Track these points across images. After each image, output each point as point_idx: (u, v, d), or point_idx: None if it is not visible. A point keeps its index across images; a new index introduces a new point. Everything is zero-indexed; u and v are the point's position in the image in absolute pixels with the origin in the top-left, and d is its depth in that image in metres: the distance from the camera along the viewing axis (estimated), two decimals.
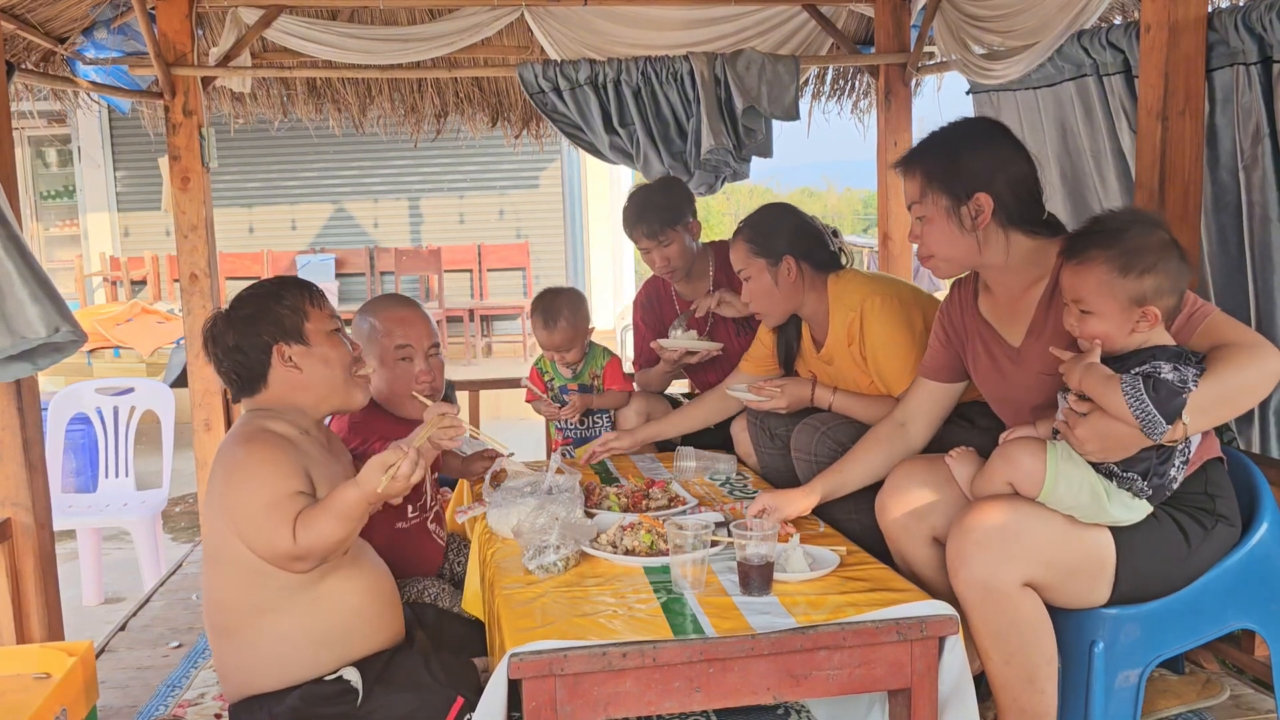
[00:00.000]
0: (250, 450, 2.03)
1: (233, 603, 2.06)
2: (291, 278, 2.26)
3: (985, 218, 2.13)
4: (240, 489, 1.99)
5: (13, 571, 2.75)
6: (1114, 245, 1.89)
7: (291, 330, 2.15)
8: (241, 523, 1.99)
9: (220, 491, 2.03)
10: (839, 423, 2.64)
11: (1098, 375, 1.89)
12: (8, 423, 2.72)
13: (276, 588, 2.02)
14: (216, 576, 2.09)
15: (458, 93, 4.89)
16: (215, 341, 2.17)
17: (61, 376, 7.33)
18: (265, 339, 2.14)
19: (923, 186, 2.19)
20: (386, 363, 2.70)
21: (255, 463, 2.01)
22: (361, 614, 2.10)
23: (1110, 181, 3.30)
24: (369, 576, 2.14)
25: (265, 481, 1.98)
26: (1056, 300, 2.12)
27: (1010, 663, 1.99)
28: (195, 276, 3.89)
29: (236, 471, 2.02)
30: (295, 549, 1.93)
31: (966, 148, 2.18)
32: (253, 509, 1.97)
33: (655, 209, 3.36)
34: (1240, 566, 2.09)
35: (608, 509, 2.47)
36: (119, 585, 4.55)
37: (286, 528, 1.93)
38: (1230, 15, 2.65)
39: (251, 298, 2.19)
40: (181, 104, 3.81)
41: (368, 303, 2.85)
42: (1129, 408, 1.82)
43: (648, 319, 3.64)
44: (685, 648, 1.79)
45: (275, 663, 2.04)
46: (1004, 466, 1.99)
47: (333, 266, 9.74)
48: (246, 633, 2.05)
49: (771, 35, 4.21)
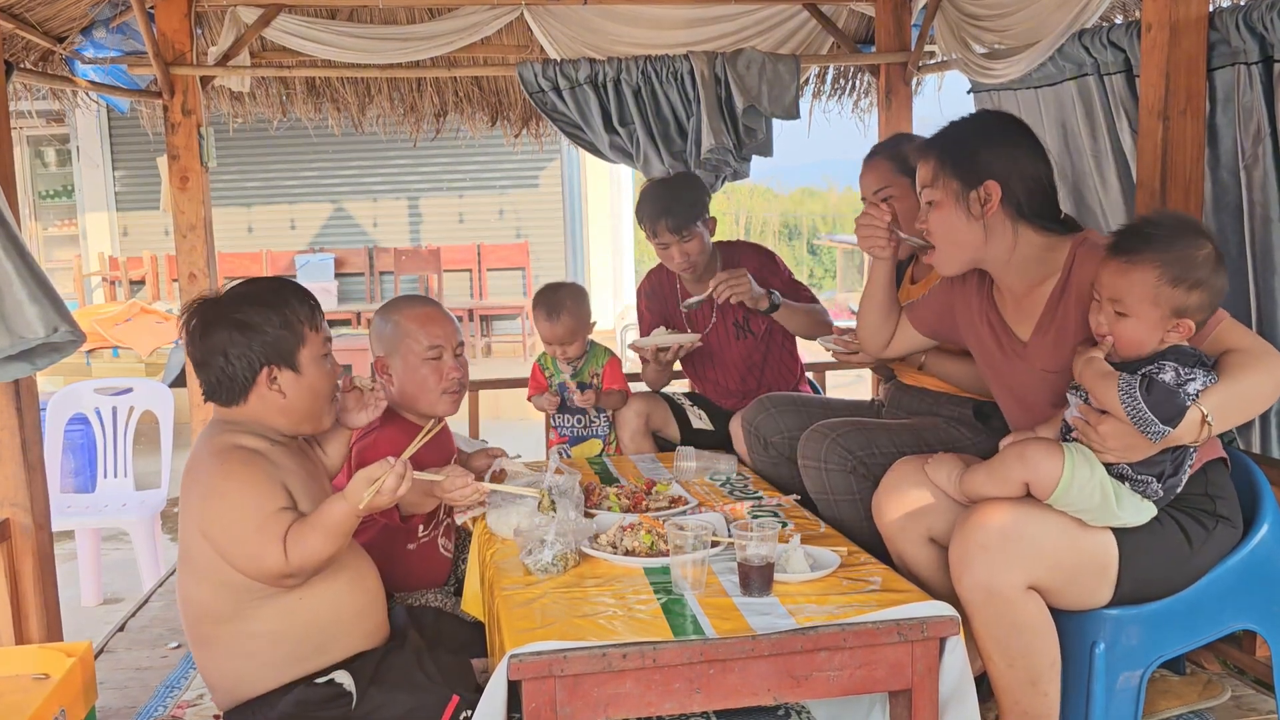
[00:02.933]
0: (227, 472, 1.97)
1: (206, 610, 2.04)
2: (293, 285, 2.15)
3: (993, 206, 2.13)
4: (223, 516, 1.95)
5: (11, 572, 2.74)
6: (1169, 252, 1.87)
7: (285, 354, 2.05)
8: (227, 547, 1.96)
9: (196, 511, 1.99)
10: (848, 429, 2.58)
11: (1095, 371, 1.89)
12: (6, 423, 2.72)
13: (250, 596, 2.00)
14: (190, 582, 2.07)
15: (457, 92, 4.88)
16: (202, 335, 2.05)
17: (60, 376, 7.32)
18: (256, 357, 2.03)
19: (936, 170, 2.19)
20: (413, 363, 2.62)
21: (234, 486, 1.96)
22: (340, 614, 2.09)
23: (1111, 181, 3.30)
24: (348, 576, 2.11)
25: (247, 506, 1.94)
26: (1065, 299, 2.11)
27: (1013, 665, 1.99)
28: (194, 276, 3.89)
29: (213, 497, 1.97)
30: (287, 566, 1.92)
31: (983, 137, 2.18)
32: (239, 533, 1.94)
33: (681, 203, 3.29)
34: (1241, 567, 2.08)
35: (608, 509, 2.47)
36: (118, 586, 4.54)
37: (276, 546, 1.91)
38: (1231, 14, 2.64)
39: (252, 305, 2.06)
40: (180, 103, 3.81)
41: (391, 303, 2.75)
42: (1122, 406, 1.82)
43: (652, 307, 3.60)
44: (685, 649, 1.78)
45: (254, 666, 2.04)
46: (1020, 467, 1.98)
47: (332, 266, 9.74)
48: (222, 639, 2.04)
49: (772, 34, 4.20)
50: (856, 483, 2.50)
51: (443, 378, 2.62)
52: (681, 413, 3.52)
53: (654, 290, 3.62)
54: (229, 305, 2.08)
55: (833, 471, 2.53)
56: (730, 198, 17.48)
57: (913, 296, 2.82)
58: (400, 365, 2.62)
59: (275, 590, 2.00)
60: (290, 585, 1.98)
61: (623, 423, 3.42)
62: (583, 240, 10.26)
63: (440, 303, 2.83)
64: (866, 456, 2.51)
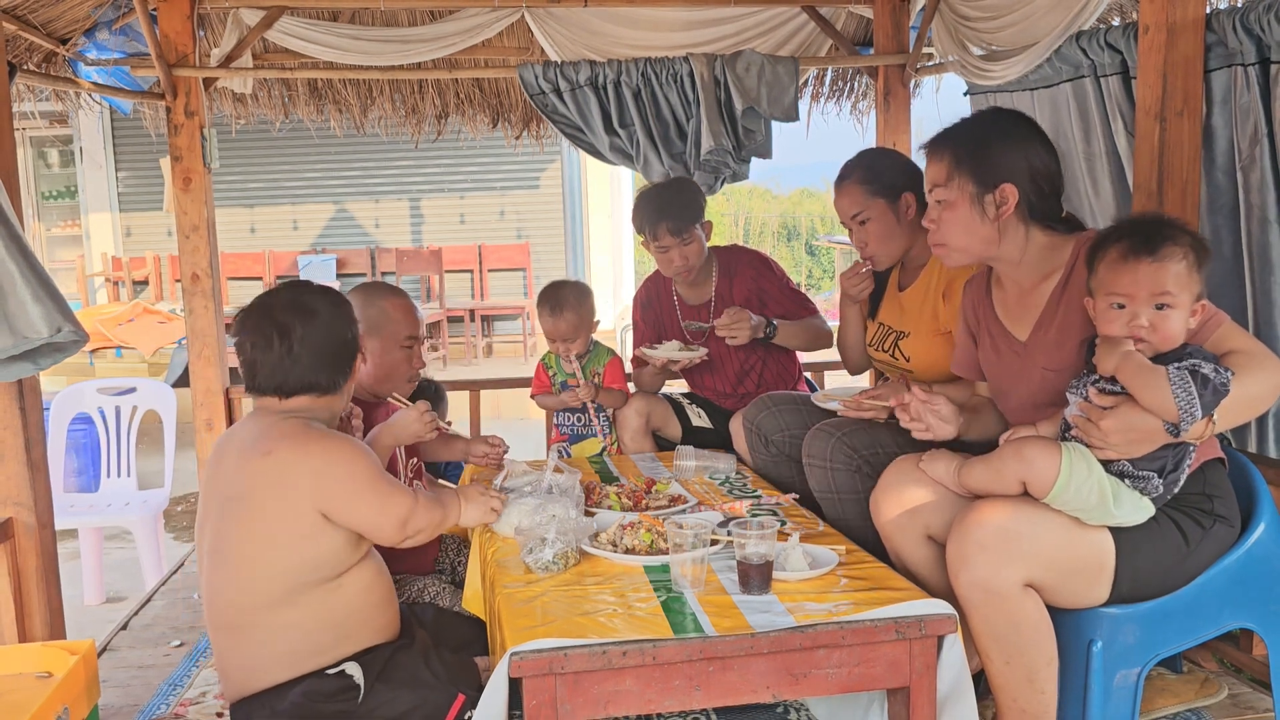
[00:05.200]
0: (330, 436, 2.09)
1: (243, 599, 2.05)
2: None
3: (1008, 209, 2.14)
4: (346, 467, 2.05)
5: (15, 571, 2.75)
6: (1183, 241, 1.91)
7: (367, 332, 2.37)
8: (352, 498, 2.05)
9: (310, 480, 2.02)
10: (854, 428, 2.58)
11: (1136, 364, 1.88)
12: (10, 422, 2.73)
13: (294, 583, 2.02)
14: (223, 574, 2.07)
15: (458, 94, 4.90)
16: (333, 323, 2.19)
17: (63, 376, 7.34)
18: (355, 337, 2.24)
19: (950, 170, 2.18)
20: (390, 347, 2.77)
21: (346, 446, 2.08)
22: (365, 606, 2.11)
23: (1103, 184, 3.30)
24: (372, 570, 2.15)
25: (369, 458, 2.09)
26: (1067, 297, 2.12)
27: (1011, 663, 2.00)
28: (197, 277, 3.90)
29: (334, 460, 2.04)
30: (412, 513, 2.10)
31: (998, 138, 2.18)
32: (368, 479, 2.06)
33: (678, 206, 3.33)
34: (1238, 566, 2.09)
35: (608, 508, 2.48)
36: (120, 585, 4.56)
37: (404, 494, 2.10)
38: (1229, 16, 2.65)
39: (346, 299, 2.28)
40: (183, 105, 3.82)
41: (371, 287, 2.91)
42: (1174, 398, 1.82)
43: (647, 317, 3.64)
44: (685, 646, 1.79)
45: (282, 655, 2.05)
46: (1018, 465, 1.98)
47: (334, 267, 9.75)
48: (255, 628, 2.05)
49: (771, 36, 4.21)
50: (862, 481, 2.50)
51: (411, 366, 2.83)
52: (682, 411, 3.53)
53: (649, 300, 3.64)
54: (341, 302, 2.30)
55: (838, 470, 2.53)
56: (729, 199, 17.48)
57: (902, 304, 2.83)
58: (379, 348, 2.75)
59: (321, 578, 2.04)
60: (393, 540, 2.11)
61: (624, 422, 3.43)
62: (583, 241, 10.27)
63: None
64: (871, 455, 2.52)
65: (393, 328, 2.77)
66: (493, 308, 9.69)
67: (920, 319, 2.77)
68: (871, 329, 2.97)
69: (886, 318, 2.89)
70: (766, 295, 3.43)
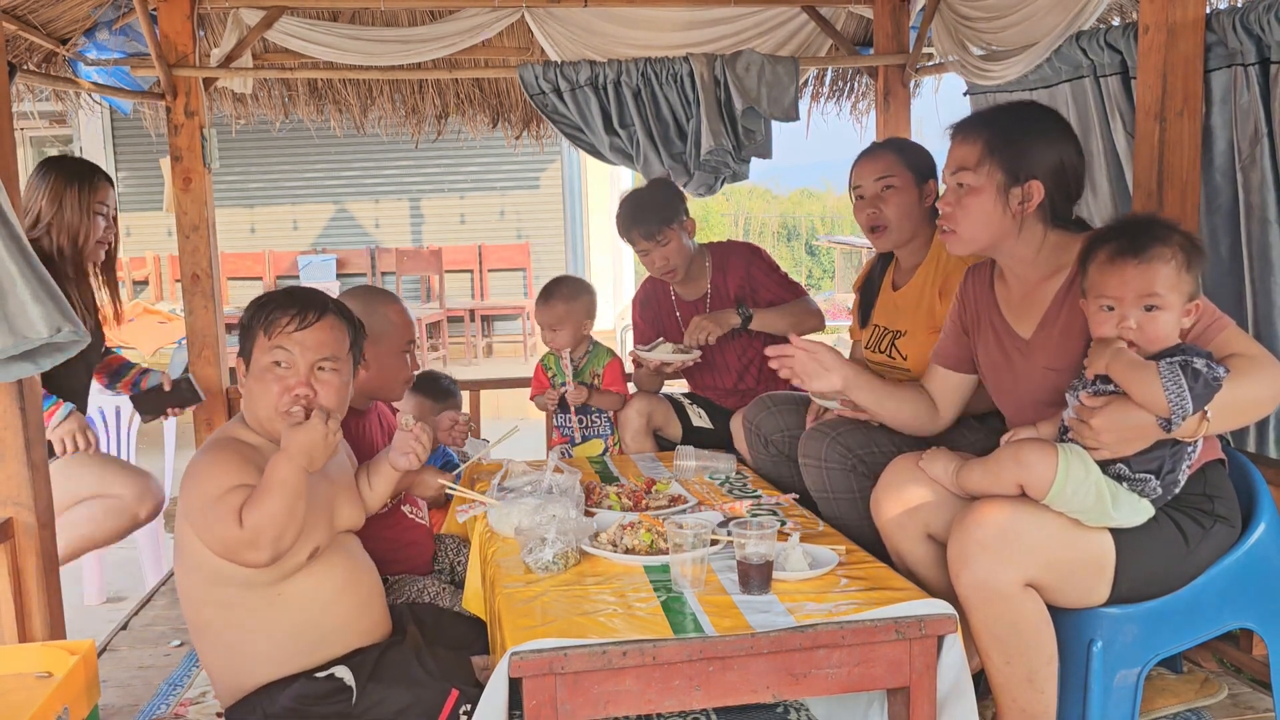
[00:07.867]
0: (208, 453, 2.06)
1: (199, 600, 2.09)
2: (294, 290, 2.21)
3: (1031, 206, 2.13)
4: (194, 489, 2.01)
5: (15, 571, 2.75)
6: (1172, 241, 1.91)
7: (243, 350, 2.16)
8: (195, 520, 2.00)
9: (182, 495, 2.06)
10: (849, 428, 2.59)
11: (1127, 360, 1.89)
12: (9, 422, 2.72)
13: (236, 584, 2.04)
14: (184, 575, 2.12)
15: (458, 94, 4.90)
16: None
17: None
18: (243, 345, 2.16)
19: (982, 155, 2.15)
20: (390, 354, 2.76)
21: (208, 463, 2.03)
22: (333, 610, 2.11)
23: (1100, 184, 3.30)
24: (343, 573, 2.14)
25: (214, 479, 1.99)
26: (1073, 296, 2.12)
27: (1011, 663, 2.00)
28: (197, 277, 3.90)
29: (190, 474, 2.04)
30: (243, 534, 1.92)
31: (1034, 131, 2.16)
32: (202, 505, 1.98)
33: (649, 209, 3.37)
34: (1238, 566, 2.10)
35: (608, 508, 2.48)
36: (121, 584, 4.55)
37: (232, 516, 1.93)
38: (1229, 16, 2.65)
39: (255, 301, 2.19)
40: (183, 105, 3.82)
41: (366, 293, 2.84)
42: (1164, 391, 1.82)
43: (646, 316, 3.65)
44: (685, 646, 1.79)
45: (248, 657, 2.07)
46: (1015, 468, 1.99)
47: (334, 267, 9.76)
48: (214, 629, 2.08)
49: (771, 36, 4.22)
50: (857, 481, 2.51)
51: (408, 371, 2.83)
52: (682, 411, 3.54)
53: (647, 299, 3.67)
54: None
55: (833, 470, 2.54)
56: (729, 199, 17.50)
57: (897, 303, 2.83)
58: (380, 354, 2.73)
59: (260, 582, 2.02)
60: (257, 561, 1.95)
61: (625, 422, 3.44)
62: (583, 241, 10.28)
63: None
64: (866, 455, 2.53)
65: (395, 333, 2.77)
66: (493, 308, 9.70)
67: (917, 317, 2.77)
68: (866, 333, 2.97)
69: (881, 319, 2.90)
70: (757, 284, 3.47)
